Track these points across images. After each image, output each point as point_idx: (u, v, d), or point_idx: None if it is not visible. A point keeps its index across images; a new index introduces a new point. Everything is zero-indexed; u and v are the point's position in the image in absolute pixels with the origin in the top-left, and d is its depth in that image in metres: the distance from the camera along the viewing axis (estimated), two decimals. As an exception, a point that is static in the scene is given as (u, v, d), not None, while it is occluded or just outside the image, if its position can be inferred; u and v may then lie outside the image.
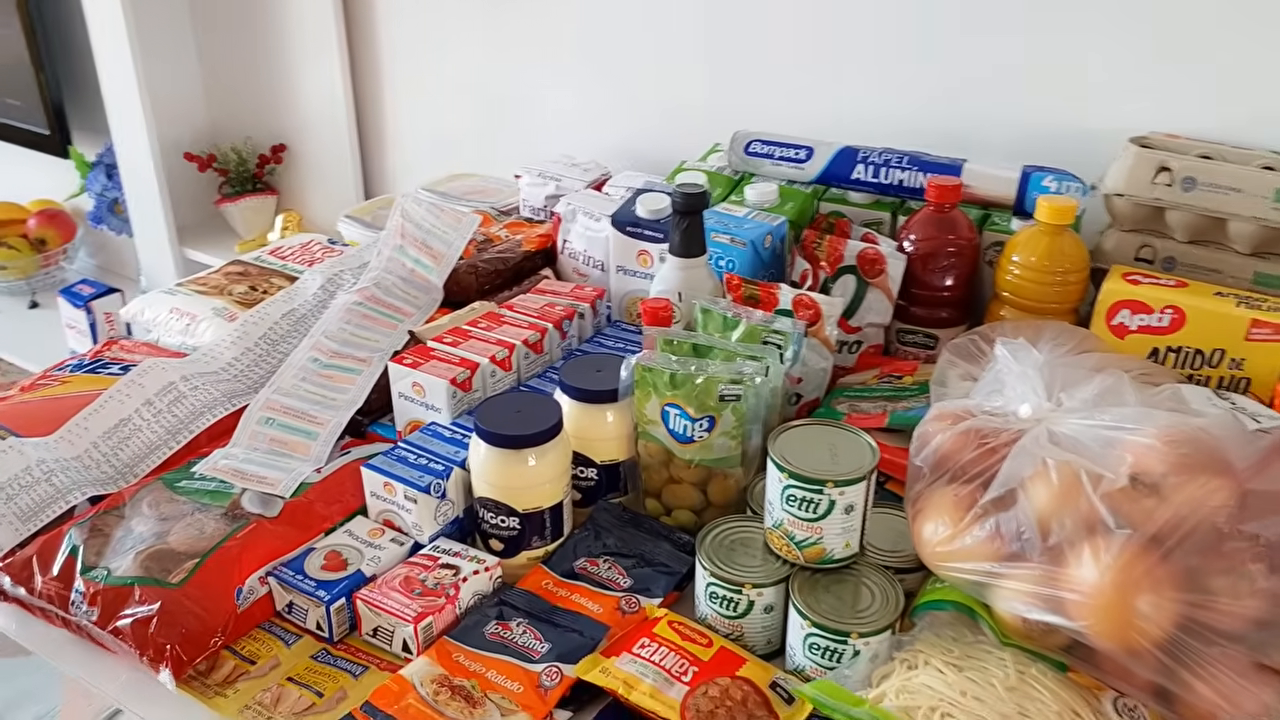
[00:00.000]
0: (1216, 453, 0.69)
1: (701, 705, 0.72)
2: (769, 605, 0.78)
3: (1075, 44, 1.13)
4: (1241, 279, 0.99)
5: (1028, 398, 0.78)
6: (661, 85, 1.43)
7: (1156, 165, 0.99)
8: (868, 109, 1.25)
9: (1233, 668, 0.67)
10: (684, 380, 0.84)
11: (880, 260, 1.04)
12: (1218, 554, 0.67)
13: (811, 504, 0.75)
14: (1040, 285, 0.99)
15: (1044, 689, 0.69)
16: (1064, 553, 0.68)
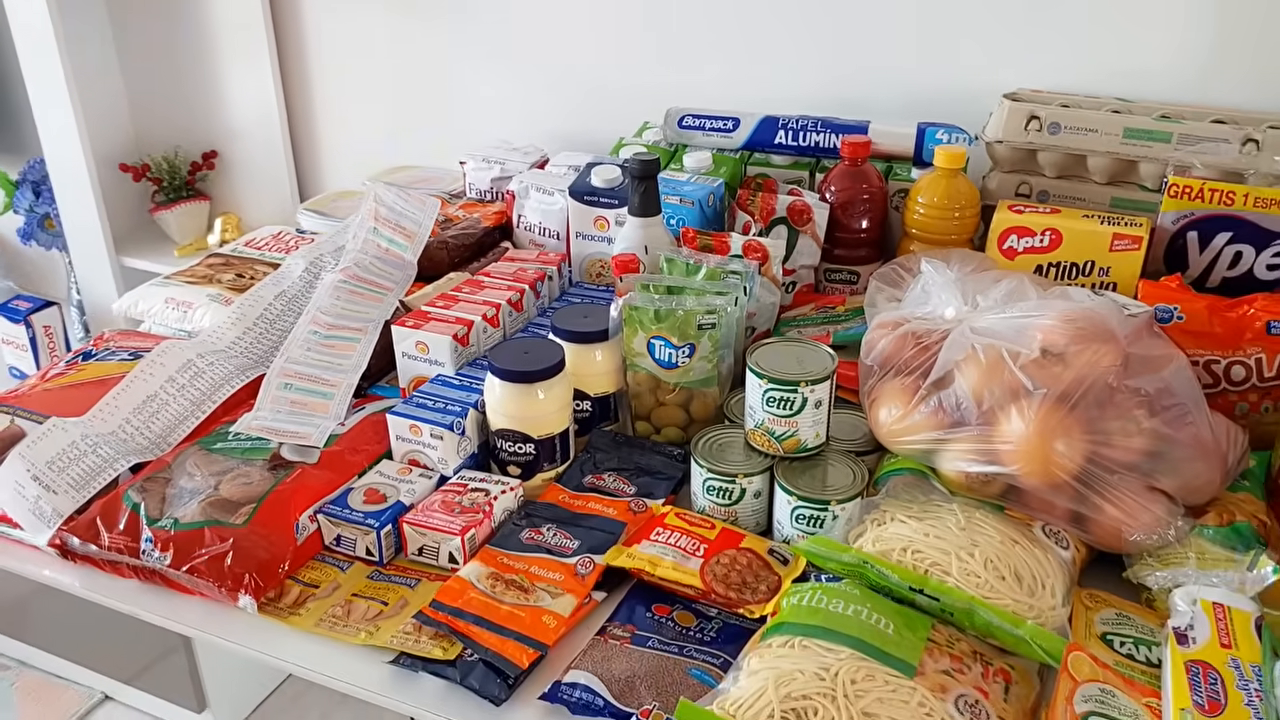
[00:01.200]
0: (1104, 326, 0.87)
1: (717, 571, 0.86)
2: (758, 491, 0.93)
3: (957, 16, 1.32)
4: (1101, 205, 1.19)
5: (950, 303, 0.95)
6: (585, 71, 1.56)
7: (1027, 115, 1.19)
8: (781, 83, 1.42)
9: (1130, 491, 0.86)
10: (667, 315, 0.99)
11: (807, 210, 1.21)
12: (1111, 404, 0.86)
13: (788, 402, 0.91)
14: (942, 220, 1.17)
15: (988, 526, 0.85)
16: (995, 415, 0.86)
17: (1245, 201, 1.06)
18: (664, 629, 0.83)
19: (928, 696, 0.72)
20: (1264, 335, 0.99)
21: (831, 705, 0.70)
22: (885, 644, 0.75)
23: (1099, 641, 0.82)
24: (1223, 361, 1.01)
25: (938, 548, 0.83)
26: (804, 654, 0.75)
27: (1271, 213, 1.05)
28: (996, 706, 0.73)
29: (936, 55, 1.34)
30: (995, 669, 0.77)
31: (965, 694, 0.73)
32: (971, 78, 1.31)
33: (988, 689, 0.75)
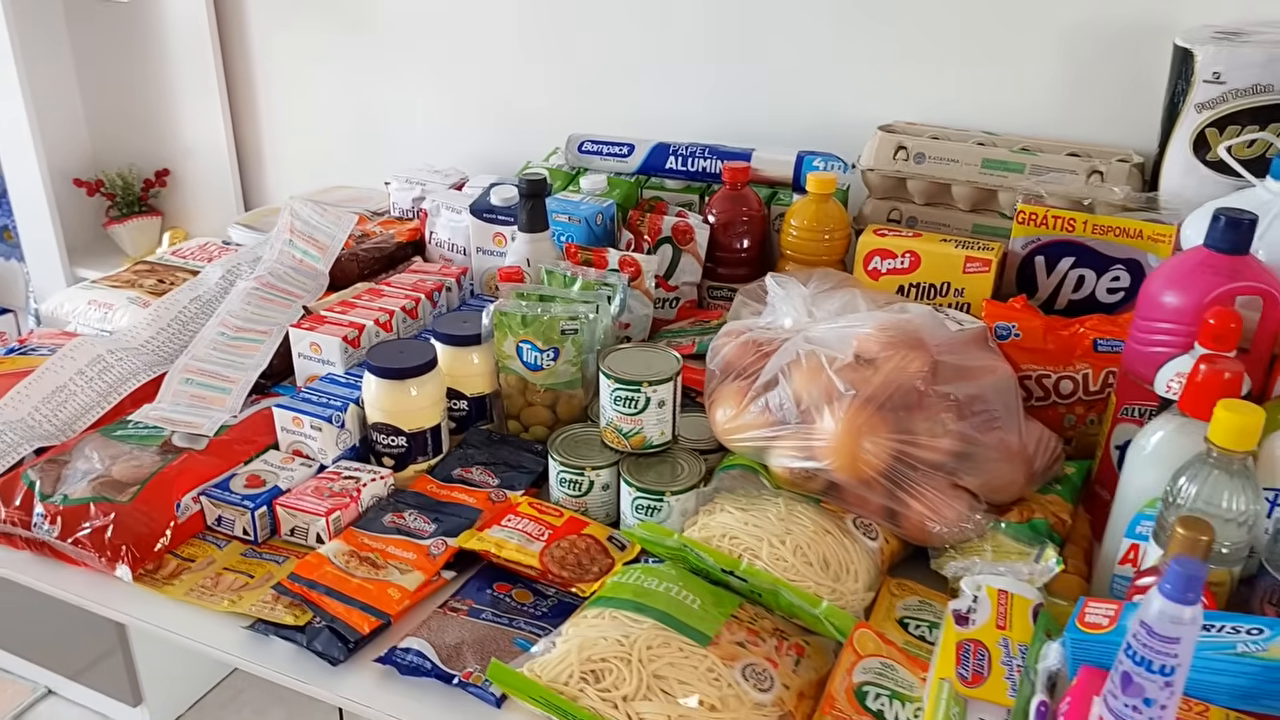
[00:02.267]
0: (914, 335, 0.95)
1: (555, 554, 0.94)
2: (606, 484, 1.01)
3: (837, 54, 1.41)
4: (964, 230, 1.28)
5: (790, 314, 1.03)
6: (504, 98, 1.67)
7: (895, 145, 1.27)
8: (678, 111, 1.51)
9: (936, 488, 0.93)
10: (532, 320, 1.07)
11: (690, 230, 1.29)
12: (919, 406, 0.93)
13: (633, 401, 0.99)
14: (813, 242, 1.25)
15: (805, 517, 0.93)
16: (812, 415, 0.93)
17: (1085, 228, 1.14)
18: (500, 604, 0.91)
19: (717, 663, 0.79)
20: (1091, 352, 1.07)
21: (625, 667, 0.77)
22: (688, 617, 0.82)
23: (895, 624, 0.89)
24: (1053, 376, 1.08)
25: (754, 535, 0.90)
26: (612, 623, 0.82)
27: (1108, 239, 1.13)
28: (784, 676, 0.80)
29: (820, 87, 1.43)
30: (790, 643, 0.84)
31: (754, 663, 0.80)
32: (856, 110, 1.40)
33: (778, 660, 0.82)
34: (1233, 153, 1.10)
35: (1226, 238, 0.89)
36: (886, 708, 0.77)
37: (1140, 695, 0.66)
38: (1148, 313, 0.94)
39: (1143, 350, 0.94)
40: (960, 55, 1.35)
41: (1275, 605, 0.77)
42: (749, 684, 0.78)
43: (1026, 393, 1.10)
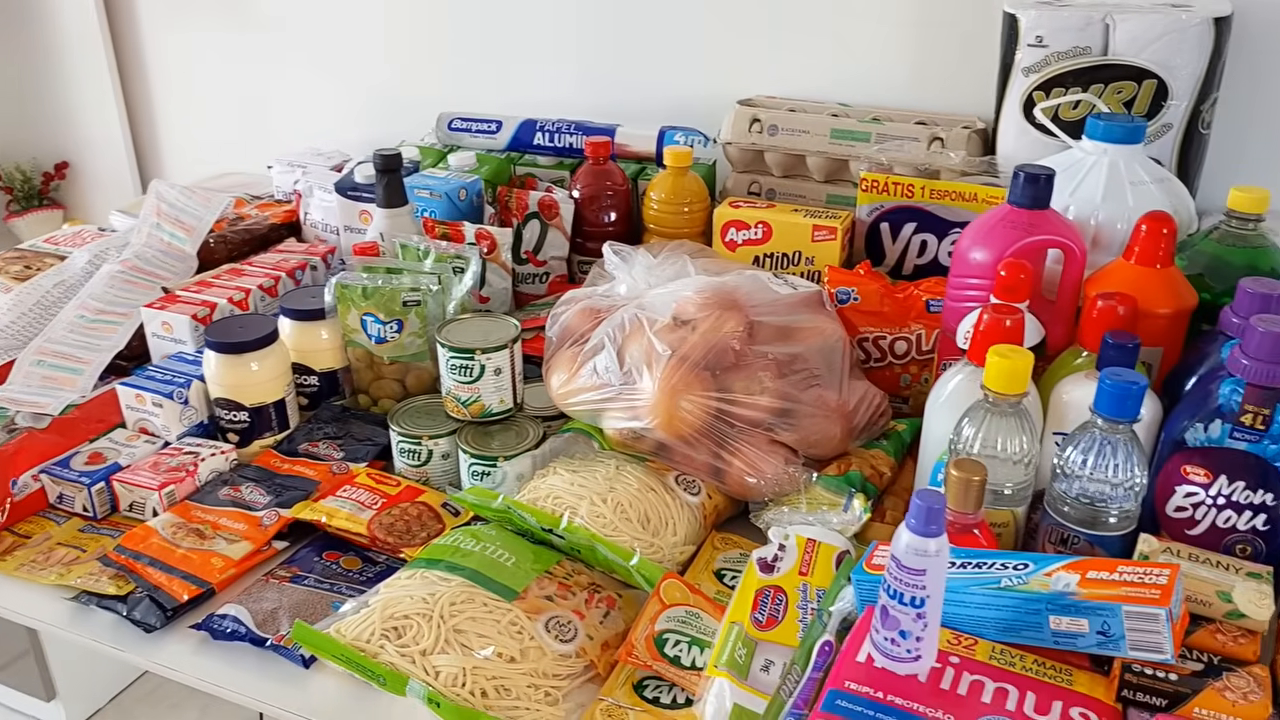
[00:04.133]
0: (730, 297, 0.97)
1: (384, 520, 0.95)
2: (445, 453, 1.02)
3: (703, 30, 1.43)
4: (819, 201, 1.30)
5: (626, 282, 1.05)
6: (383, 80, 1.68)
7: (750, 118, 1.29)
8: (551, 89, 1.53)
9: (755, 444, 0.95)
10: (374, 292, 1.08)
11: (555, 205, 1.30)
12: (737, 365, 0.96)
13: (468, 370, 1.00)
14: (674, 215, 1.27)
15: (631, 476, 0.95)
16: (634, 376, 0.95)
17: (924, 194, 1.17)
18: (325, 570, 0.92)
19: (520, 616, 0.81)
20: (925, 313, 1.09)
21: (426, 623, 0.79)
22: (498, 574, 0.84)
23: (711, 576, 0.91)
24: (889, 337, 1.11)
25: (577, 494, 0.92)
26: (421, 583, 0.83)
27: (946, 204, 1.16)
28: (589, 627, 0.82)
29: (687, 65, 1.45)
30: (602, 597, 0.86)
31: (559, 615, 0.82)
32: (721, 85, 1.41)
33: (586, 613, 0.83)
34: (1060, 114, 1.13)
35: (1026, 193, 0.92)
36: (684, 654, 0.79)
37: (896, 628, 0.69)
38: (959, 270, 0.97)
39: (955, 306, 0.97)
40: (819, 28, 1.37)
41: (1055, 544, 0.80)
42: (551, 635, 0.80)
43: (865, 354, 1.12)
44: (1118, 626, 0.67)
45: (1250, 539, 0.78)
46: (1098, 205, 0.98)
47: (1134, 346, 0.81)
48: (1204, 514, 0.79)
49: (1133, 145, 0.99)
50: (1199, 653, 0.69)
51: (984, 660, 0.71)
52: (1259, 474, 0.76)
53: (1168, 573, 0.68)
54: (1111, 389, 0.74)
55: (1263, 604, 0.70)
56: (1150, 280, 0.89)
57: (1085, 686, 0.70)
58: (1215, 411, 0.77)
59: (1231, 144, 1.21)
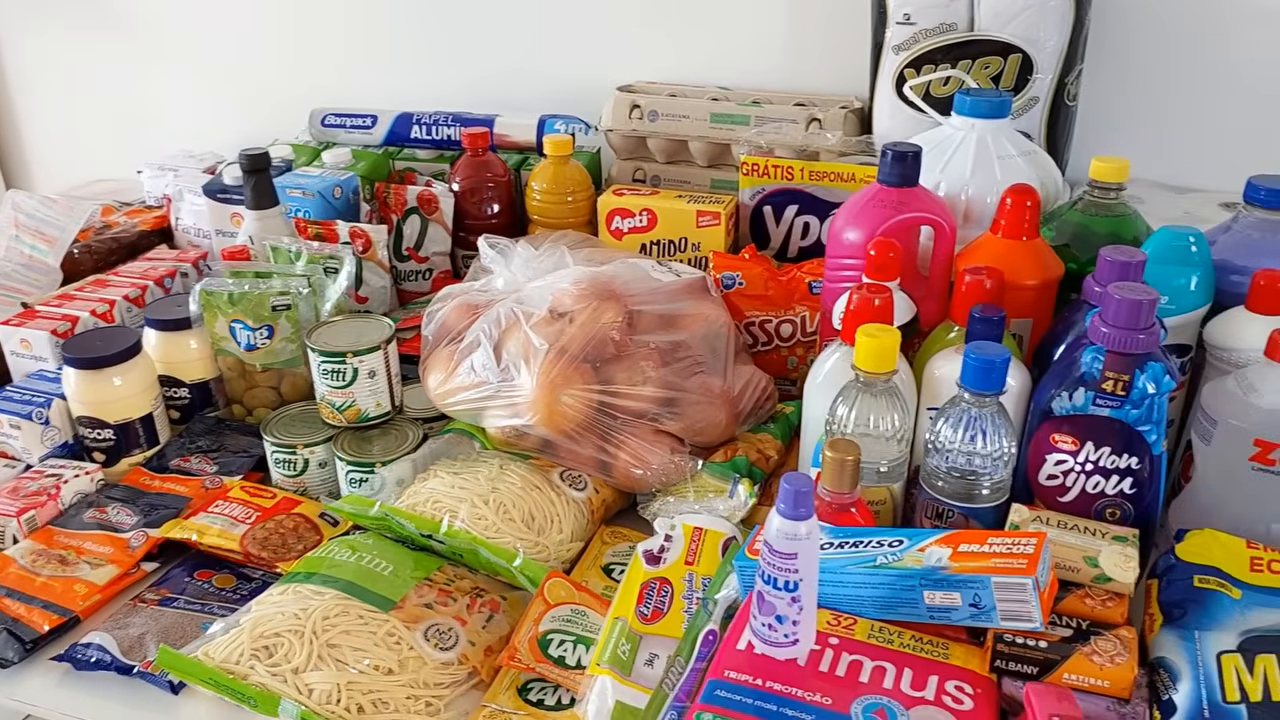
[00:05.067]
0: (608, 287, 0.95)
1: (258, 534, 0.91)
2: (322, 461, 0.99)
3: (582, 17, 1.41)
4: (704, 186, 1.29)
5: (504, 275, 1.03)
6: (260, 79, 1.62)
7: (630, 104, 1.28)
8: (429, 81, 1.49)
9: (641, 436, 0.94)
10: (240, 298, 1.04)
11: (434, 199, 1.27)
12: (619, 356, 0.94)
13: (340, 374, 0.97)
14: (557, 205, 1.25)
15: (515, 475, 0.93)
16: (512, 373, 0.93)
17: (803, 176, 1.17)
18: (197, 591, 0.88)
19: (398, 626, 0.78)
20: (808, 295, 1.09)
21: (297, 640, 0.76)
22: (373, 584, 0.81)
23: (600, 571, 0.90)
24: (774, 321, 1.11)
25: (458, 497, 0.90)
26: (293, 598, 0.80)
27: (825, 185, 1.16)
28: (471, 633, 0.80)
29: (567, 53, 1.43)
30: (485, 600, 0.84)
31: (439, 623, 0.80)
32: (602, 72, 1.39)
33: (468, 618, 0.81)
34: (931, 91, 1.14)
35: (894, 171, 0.92)
36: (569, 653, 0.78)
37: (773, 613, 0.68)
38: (834, 250, 0.97)
39: (833, 287, 0.97)
40: (698, 12, 1.36)
41: (932, 519, 0.80)
42: (430, 644, 0.78)
43: (751, 338, 1.12)
44: (988, 598, 0.68)
45: (1119, 502, 0.79)
46: (967, 180, 0.99)
47: (999, 319, 0.81)
48: (1074, 481, 0.80)
49: (999, 119, 1.00)
50: (1069, 618, 0.70)
51: (863, 639, 0.72)
52: (1123, 439, 0.77)
53: (1034, 542, 0.69)
54: (975, 363, 0.75)
55: (1128, 567, 0.71)
56: (1017, 252, 0.90)
57: (961, 659, 0.70)
58: (1079, 380, 0.78)
59: (1100, 114, 1.24)
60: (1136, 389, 0.76)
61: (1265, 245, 0.89)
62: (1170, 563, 0.75)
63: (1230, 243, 0.91)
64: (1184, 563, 0.75)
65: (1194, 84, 1.21)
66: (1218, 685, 0.64)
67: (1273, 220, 0.89)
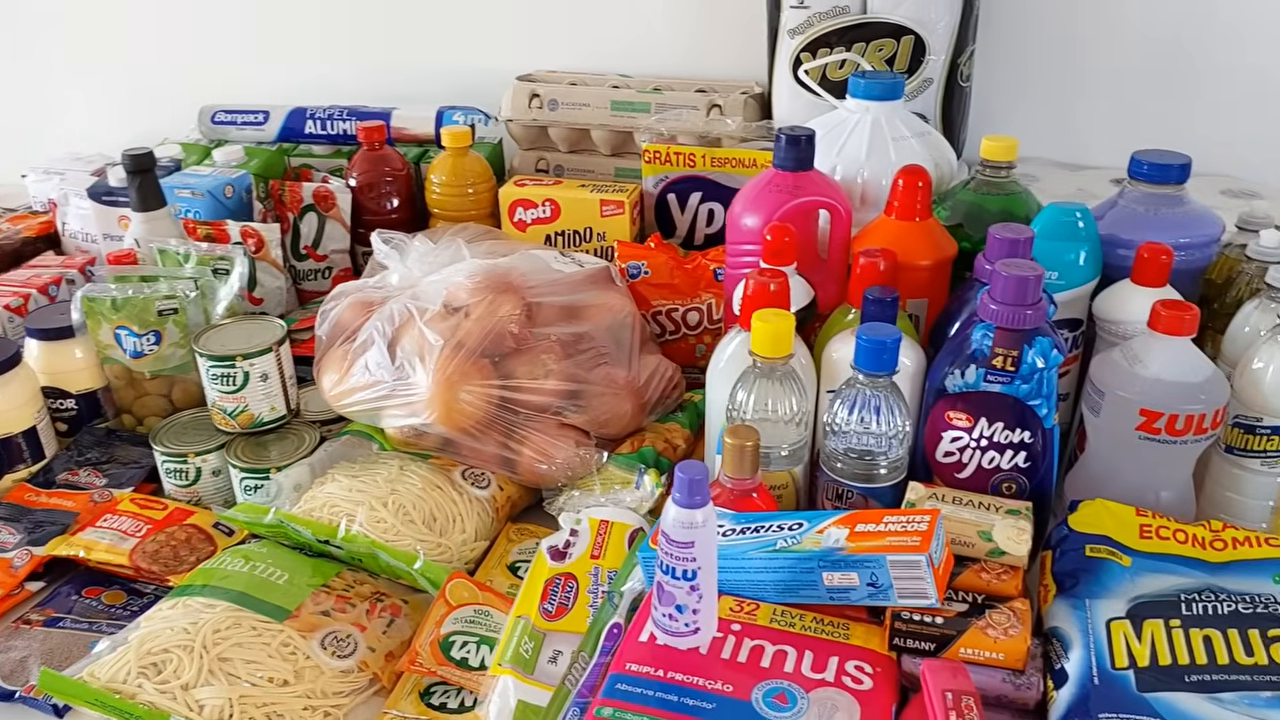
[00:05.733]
0: (504, 280, 0.94)
1: (148, 548, 0.88)
2: (215, 469, 0.96)
3: (480, 6, 1.39)
4: (608, 175, 1.28)
5: (399, 271, 1.00)
6: (148, 76, 1.57)
7: (529, 93, 1.26)
8: (326, 75, 1.46)
9: (545, 430, 0.93)
10: (124, 303, 1.00)
11: (331, 196, 1.24)
12: (519, 350, 0.93)
13: (230, 378, 0.94)
14: (457, 198, 1.23)
15: (415, 475, 0.91)
16: (407, 370, 0.91)
17: (706, 162, 1.16)
18: (85, 609, 0.85)
19: (293, 636, 0.76)
20: (713, 283, 1.09)
21: (187, 655, 0.73)
22: (266, 594, 0.79)
23: (505, 569, 0.88)
24: (681, 309, 1.10)
25: (355, 501, 0.87)
26: (183, 612, 0.77)
27: (727, 171, 1.16)
28: (370, 639, 0.78)
29: (464, 43, 1.41)
30: (385, 605, 0.82)
31: (337, 630, 0.78)
32: (498, 61, 1.37)
33: (367, 624, 0.79)
34: (828, 74, 1.14)
35: (789, 155, 0.92)
36: (472, 654, 0.76)
37: (672, 603, 0.68)
38: (733, 237, 0.96)
39: (733, 273, 0.97)
40: (598, 1, 1.35)
41: (833, 500, 0.81)
42: (327, 653, 0.76)
43: (659, 328, 1.11)
44: (885, 577, 0.68)
45: (1015, 476, 0.81)
46: (863, 163, 0.99)
47: (893, 300, 0.82)
48: (970, 456, 0.81)
49: (893, 101, 1.01)
50: (965, 593, 0.71)
51: (765, 624, 0.71)
52: (1015, 414, 0.78)
53: (928, 519, 0.69)
54: (867, 345, 0.75)
55: (1021, 540, 0.72)
56: (910, 233, 0.91)
57: (862, 639, 0.71)
58: (970, 357, 0.78)
59: (994, 94, 1.25)
60: (1025, 364, 0.77)
61: (1149, 219, 0.91)
62: (1063, 533, 0.77)
63: (1116, 217, 0.93)
64: (1076, 533, 0.76)
65: (1084, 62, 1.24)
66: (1107, 652, 0.65)
67: (1156, 194, 0.92)
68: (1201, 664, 0.63)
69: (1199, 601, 0.68)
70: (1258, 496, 0.82)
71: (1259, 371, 0.78)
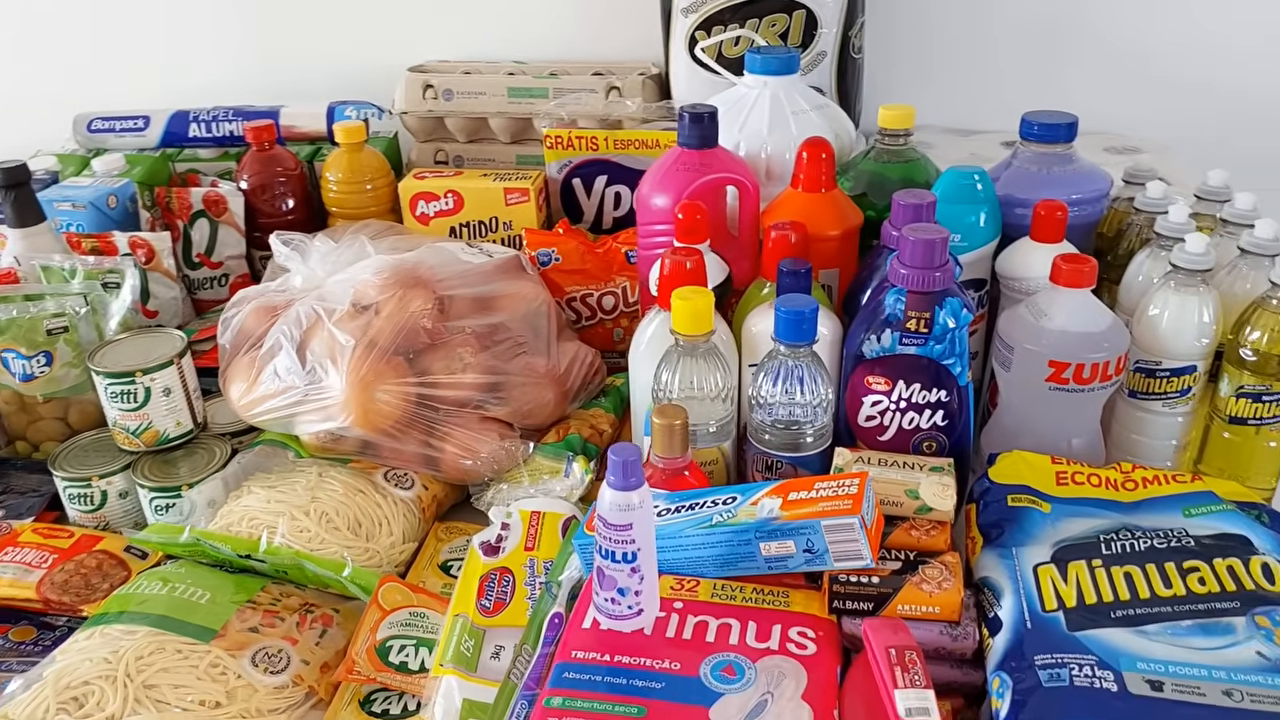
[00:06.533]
0: (413, 274, 0.92)
1: (57, 579, 0.83)
2: (122, 491, 0.91)
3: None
4: (509, 163, 1.26)
5: (302, 273, 0.97)
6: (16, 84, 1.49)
7: (423, 84, 1.23)
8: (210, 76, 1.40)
9: (467, 425, 0.91)
10: (9, 324, 0.94)
11: (221, 200, 1.19)
12: (432, 345, 0.91)
13: (131, 395, 0.89)
14: (356, 195, 1.19)
15: (336, 481, 0.88)
16: (319, 373, 0.88)
17: (608, 145, 1.16)
18: (-10, 649, 0.80)
19: (222, 656, 0.73)
20: (627, 265, 1.09)
21: (110, 686, 0.70)
22: (189, 615, 0.76)
23: (437, 569, 0.87)
24: (596, 294, 1.10)
25: (275, 512, 0.85)
26: (101, 641, 0.74)
27: (631, 153, 1.15)
28: (303, 652, 0.76)
29: (354, 36, 1.37)
30: (316, 616, 0.79)
31: (267, 646, 0.75)
32: (388, 53, 1.34)
33: (299, 637, 0.77)
34: (724, 51, 1.15)
35: (693, 133, 0.92)
36: (411, 658, 0.75)
37: (614, 586, 0.67)
38: (643, 218, 0.96)
39: (646, 254, 0.97)
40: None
41: (763, 472, 0.81)
42: (259, 670, 0.73)
43: (575, 314, 1.11)
44: (820, 542, 0.69)
45: (934, 435, 0.82)
46: (765, 138, 1.00)
47: (806, 271, 0.83)
48: (891, 419, 0.82)
49: (789, 75, 1.02)
50: (898, 551, 0.72)
51: (707, 600, 0.72)
52: (931, 374, 0.80)
53: (857, 482, 0.70)
54: (786, 316, 0.76)
55: (946, 495, 0.74)
56: (817, 205, 0.92)
57: (802, 605, 0.71)
58: (885, 322, 0.80)
59: (887, 65, 1.28)
60: (938, 325, 0.79)
61: (1043, 178, 0.94)
62: (985, 486, 0.79)
63: (1011, 178, 0.96)
64: (997, 484, 0.78)
65: (971, 29, 1.27)
66: (1037, 596, 0.67)
67: (1047, 153, 0.95)
68: (1125, 600, 0.66)
69: (1117, 540, 0.71)
70: (1161, 436, 0.85)
71: (1155, 318, 0.82)
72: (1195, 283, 0.80)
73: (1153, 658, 0.61)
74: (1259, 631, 0.63)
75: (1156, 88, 1.27)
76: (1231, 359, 0.80)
